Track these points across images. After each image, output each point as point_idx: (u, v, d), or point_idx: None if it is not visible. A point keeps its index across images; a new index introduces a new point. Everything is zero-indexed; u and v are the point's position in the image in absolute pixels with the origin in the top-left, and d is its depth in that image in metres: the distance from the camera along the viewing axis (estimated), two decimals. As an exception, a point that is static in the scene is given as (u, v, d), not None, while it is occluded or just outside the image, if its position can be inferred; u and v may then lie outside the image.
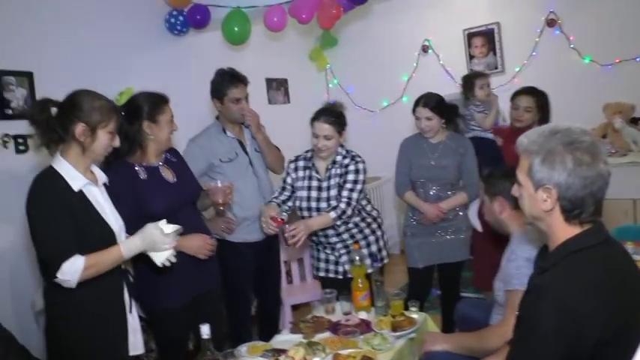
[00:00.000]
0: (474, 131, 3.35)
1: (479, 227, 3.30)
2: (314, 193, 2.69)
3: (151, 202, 2.19)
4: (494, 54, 4.84)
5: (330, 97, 5.78)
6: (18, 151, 2.84)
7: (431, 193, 2.92)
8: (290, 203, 2.76)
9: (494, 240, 3.05)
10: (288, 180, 2.77)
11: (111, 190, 2.02)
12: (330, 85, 5.79)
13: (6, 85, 2.81)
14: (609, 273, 1.23)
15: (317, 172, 2.71)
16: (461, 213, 2.96)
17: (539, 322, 1.18)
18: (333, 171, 2.66)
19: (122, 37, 3.53)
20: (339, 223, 2.61)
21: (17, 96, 2.86)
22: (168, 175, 2.35)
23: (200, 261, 2.30)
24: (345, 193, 2.58)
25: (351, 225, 2.70)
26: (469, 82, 3.44)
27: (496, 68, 4.79)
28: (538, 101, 3.16)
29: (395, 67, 5.33)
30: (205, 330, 1.82)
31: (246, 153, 2.90)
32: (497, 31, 4.79)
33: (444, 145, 2.92)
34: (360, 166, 2.65)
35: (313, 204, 2.68)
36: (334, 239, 2.72)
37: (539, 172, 1.27)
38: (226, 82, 2.81)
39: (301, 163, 2.76)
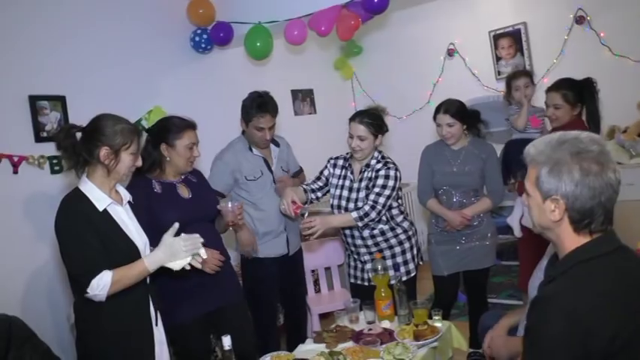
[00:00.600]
0: (515, 133, 3.29)
1: (518, 232, 3.25)
2: (345, 193, 2.74)
3: (164, 214, 2.25)
4: (522, 54, 4.76)
5: (357, 106, 5.82)
6: (53, 172, 2.98)
7: (454, 200, 2.89)
8: (319, 193, 2.83)
9: (535, 244, 2.96)
10: (325, 172, 2.86)
11: (130, 203, 2.10)
12: (357, 94, 5.81)
13: (40, 110, 2.96)
14: (619, 281, 1.20)
15: (352, 173, 2.76)
16: (485, 220, 2.92)
17: (547, 330, 1.16)
18: (365, 174, 2.69)
19: (149, 57, 3.67)
20: (361, 225, 2.61)
21: (51, 119, 3.01)
22: (184, 191, 2.43)
23: (215, 276, 2.36)
24: (371, 197, 2.60)
25: (376, 232, 2.71)
26: (507, 83, 3.38)
27: (524, 69, 4.69)
28: (567, 96, 2.95)
29: (421, 73, 5.30)
30: (227, 341, 1.88)
31: (271, 171, 2.94)
32: (524, 31, 4.71)
33: (466, 151, 2.89)
34: (392, 172, 2.65)
35: (343, 202, 2.73)
36: (359, 242, 2.75)
37: (546, 182, 1.26)
38: (254, 109, 2.79)
39: (340, 162, 2.83)
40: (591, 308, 1.14)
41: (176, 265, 1.93)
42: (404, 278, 2.70)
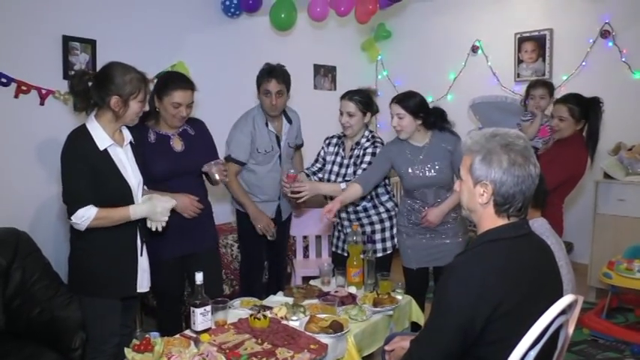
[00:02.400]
0: None
1: None
2: (335, 168, 2.94)
3: (154, 165, 2.46)
4: (543, 60, 4.80)
5: (378, 89, 5.94)
6: (76, 109, 3.22)
7: (429, 199, 2.74)
8: (320, 175, 3.05)
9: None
10: (321, 153, 3.06)
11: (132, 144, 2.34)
12: (379, 77, 5.93)
13: (71, 50, 3.21)
14: (513, 262, 1.38)
15: (343, 150, 2.95)
16: (458, 217, 2.77)
17: (446, 292, 1.36)
18: (355, 152, 2.87)
19: (179, 13, 3.87)
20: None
21: (80, 60, 3.26)
22: (177, 144, 2.60)
23: (194, 225, 2.58)
24: (359, 172, 2.78)
25: (359, 208, 2.90)
26: (526, 89, 3.40)
27: (543, 75, 4.75)
28: (572, 110, 3.00)
29: (443, 65, 5.39)
30: (199, 277, 2.09)
31: (280, 146, 3.12)
32: (549, 38, 4.74)
33: (429, 147, 2.71)
34: (378, 150, 2.81)
35: (332, 177, 2.94)
36: (343, 215, 2.95)
37: (478, 169, 1.43)
38: (263, 74, 2.99)
39: (334, 140, 3.03)
40: (484, 279, 1.32)
41: (153, 224, 2.22)
42: (379, 254, 2.86)
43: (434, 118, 2.71)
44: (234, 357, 1.81)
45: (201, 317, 2.06)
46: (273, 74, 2.97)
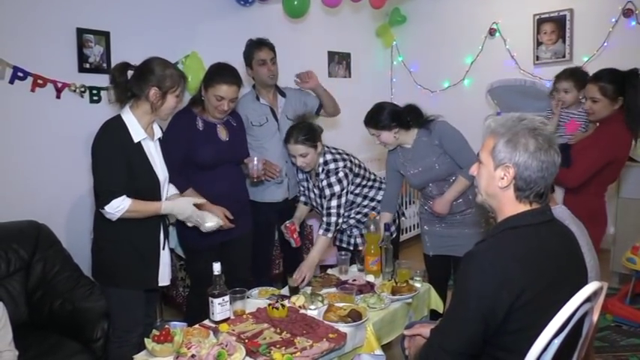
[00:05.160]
0: None
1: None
2: (312, 194, 2.94)
3: (201, 152, 2.54)
4: (564, 42, 4.68)
5: (393, 74, 5.86)
6: (92, 101, 3.25)
7: (435, 193, 2.77)
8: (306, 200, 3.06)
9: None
10: (298, 181, 3.06)
11: (169, 132, 2.39)
12: (395, 63, 5.86)
13: (86, 42, 3.21)
14: (535, 249, 1.34)
15: (310, 178, 2.93)
16: (475, 207, 2.73)
17: (466, 283, 1.33)
18: (320, 183, 2.81)
19: (192, 3, 3.85)
20: (333, 231, 2.74)
21: (95, 52, 3.26)
22: (223, 133, 2.68)
23: (233, 212, 2.58)
24: (325, 205, 2.74)
25: (352, 213, 2.95)
26: (553, 81, 3.04)
27: (563, 57, 4.65)
28: (604, 89, 2.67)
29: (460, 49, 5.30)
30: (217, 267, 2.10)
31: (276, 119, 3.11)
32: (570, 18, 4.62)
33: (416, 146, 2.74)
34: (333, 179, 2.73)
35: (317, 200, 2.91)
36: (344, 226, 3.00)
37: (502, 151, 1.39)
38: (252, 47, 3.07)
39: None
40: (505, 267, 1.29)
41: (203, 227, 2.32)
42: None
43: (408, 118, 2.72)
44: (253, 346, 1.81)
45: (220, 307, 2.07)
46: (264, 43, 3.08)
